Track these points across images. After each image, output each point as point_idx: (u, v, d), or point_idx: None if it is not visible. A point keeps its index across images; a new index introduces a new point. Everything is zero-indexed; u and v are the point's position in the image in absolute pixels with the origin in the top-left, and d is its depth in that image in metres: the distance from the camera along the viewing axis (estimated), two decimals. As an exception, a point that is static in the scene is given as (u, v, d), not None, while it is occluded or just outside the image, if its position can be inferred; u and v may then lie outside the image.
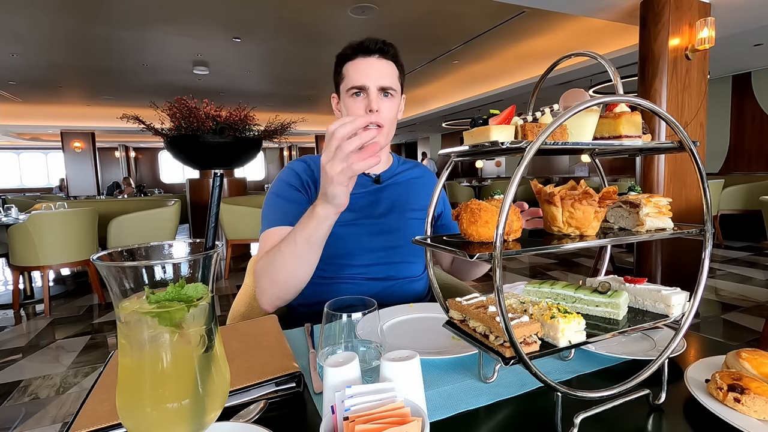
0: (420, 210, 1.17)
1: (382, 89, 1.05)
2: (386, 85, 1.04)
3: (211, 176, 0.79)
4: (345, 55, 1.07)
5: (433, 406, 0.57)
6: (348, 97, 1.06)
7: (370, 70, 1.04)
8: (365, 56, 1.04)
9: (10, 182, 15.02)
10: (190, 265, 0.42)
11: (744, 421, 0.50)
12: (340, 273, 1.07)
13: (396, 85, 1.07)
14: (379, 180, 1.17)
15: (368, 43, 1.04)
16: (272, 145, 7.89)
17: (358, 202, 1.10)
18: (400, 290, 1.11)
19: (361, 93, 1.04)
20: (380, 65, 1.05)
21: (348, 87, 1.05)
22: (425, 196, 1.20)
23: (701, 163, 0.54)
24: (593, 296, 0.63)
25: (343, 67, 1.07)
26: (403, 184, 1.19)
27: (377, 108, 1.03)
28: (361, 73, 1.04)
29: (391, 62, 1.07)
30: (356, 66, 1.04)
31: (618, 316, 0.61)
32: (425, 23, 4.83)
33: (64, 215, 3.58)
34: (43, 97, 8.21)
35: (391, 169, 1.20)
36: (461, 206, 0.59)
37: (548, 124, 0.46)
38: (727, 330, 2.83)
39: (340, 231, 1.07)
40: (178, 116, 4.75)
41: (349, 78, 1.05)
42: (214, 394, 0.42)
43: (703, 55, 3.29)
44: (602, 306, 0.62)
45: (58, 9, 4.15)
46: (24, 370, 2.49)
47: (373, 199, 1.13)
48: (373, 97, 1.03)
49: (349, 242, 1.07)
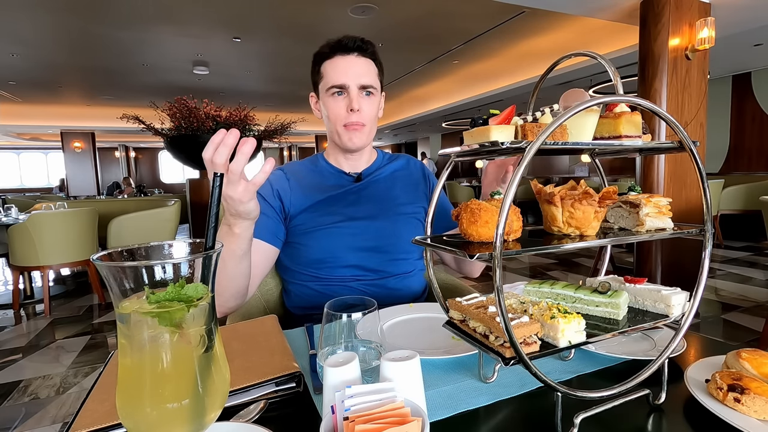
0: (406, 204, 1.14)
1: (363, 87, 1.03)
2: (367, 83, 1.03)
3: (211, 176, 0.79)
4: (323, 54, 1.05)
5: (433, 406, 0.57)
6: (328, 96, 1.04)
7: (349, 68, 1.02)
8: (344, 54, 1.03)
9: (10, 182, 15.02)
10: (190, 265, 0.42)
11: (744, 421, 0.50)
12: (329, 275, 1.06)
13: (376, 83, 1.06)
14: (360, 178, 1.15)
15: (346, 41, 1.03)
16: (272, 145, 7.89)
17: (338, 202, 1.09)
18: (394, 288, 1.10)
19: (341, 92, 1.03)
20: (360, 63, 1.03)
21: (328, 86, 1.03)
22: (412, 187, 1.19)
23: (701, 163, 0.54)
24: (593, 296, 0.63)
25: (322, 66, 1.05)
26: (386, 179, 1.17)
27: (358, 107, 1.02)
28: (340, 71, 1.02)
29: (369, 60, 1.06)
30: (335, 64, 1.03)
31: (618, 316, 0.61)
32: (425, 23, 4.83)
33: (64, 215, 3.58)
34: (43, 97, 8.21)
35: (374, 165, 1.18)
36: (461, 206, 0.59)
37: (548, 124, 0.46)
38: (727, 330, 2.83)
39: (325, 234, 1.06)
40: (178, 116, 4.74)
41: (329, 77, 1.03)
42: (214, 394, 0.42)
43: (703, 55, 3.29)
44: (602, 306, 0.62)
45: (58, 9, 4.15)
46: (24, 370, 2.49)
47: (355, 198, 1.11)
48: (354, 96, 1.02)
49: (334, 245, 1.06)
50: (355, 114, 1.03)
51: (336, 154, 1.16)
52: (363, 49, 1.04)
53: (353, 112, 1.02)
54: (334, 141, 1.11)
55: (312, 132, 13.29)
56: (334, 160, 1.16)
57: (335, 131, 1.07)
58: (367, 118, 1.05)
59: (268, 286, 1.22)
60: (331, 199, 1.09)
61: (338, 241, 1.06)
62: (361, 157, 1.16)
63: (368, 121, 1.06)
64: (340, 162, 1.16)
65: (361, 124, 1.05)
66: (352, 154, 1.13)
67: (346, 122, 1.04)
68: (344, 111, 1.03)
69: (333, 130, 1.08)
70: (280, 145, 6.54)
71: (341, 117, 1.04)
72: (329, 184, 1.12)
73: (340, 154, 1.14)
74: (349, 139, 1.06)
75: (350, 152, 1.12)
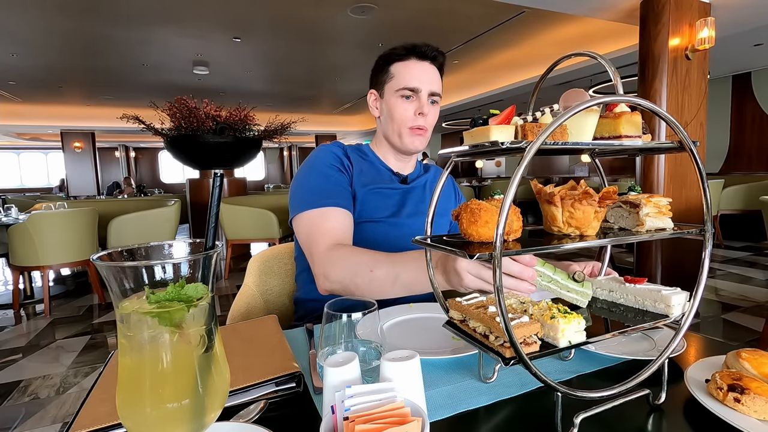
0: (441, 214, 1.17)
1: (432, 94, 1.06)
2: (436, 91, 1.06)
3: (211, 176, 0.79)
4: (395, 55, 1.07)
5: (433, 406, 0.57)
6: (396, 97, 1.06)
7: (423, 73, 1.05)
8: (419, 60, 1.05)
9: (10, 182, 15.01)
10: (190, 265, 0.42)
11: (744, 421, 0.50)
12: None
13: (441, 93, 1.09)
14: (406, 181, 1.17)
15: (424, 48, 1.06)
16: (272, 145, 7.89)
17: (389, 199, 1.11)
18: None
19: (411, 96, 1.05)
20: (432, 71, 1.07)
21: (399, 87, 1.05)
22: (444, 198, 1.22)
23: (701, 163, 0.54)
24: (568, 282, 0.66)
25: (392, 66, 1.07)
26: (425, 186, 1.20)
27: (427, 112, 1.05)
28: (414, 75, 1.04)
29: (438, 70, 1.09)
30: (409, 68, 1.05)
31: (583, 304, 0.67)
32: (425, 23, 4.83)
33: (64, 215, 3.58)
34: (43, 97, 8.22)
35: (416, 171, 1.22)
36: (461, 206, 0.59)
37: (548, 124, 0.46)
38: (727, 330, 2.83)
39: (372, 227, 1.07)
40: (178, 116, 4.75)
41: (401, 78, 1.05)
42: (214, 394, 0.42)
43: (703, 55, 3.29)
44: (573, 293, 0.66)
45: (58, 9, 4.15)
46: (24, 370, 2.49)
47: (401, 200, 1.13)
48: (424, 101, 1.05)
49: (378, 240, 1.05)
50: (421, 118, 1.05)
51: (386, 152, 1.17)
52: (437, 59, 1.07)
53: (421, 116, 1.05)
54: (390, 141, 1.13)
55: (312, 132, 13.28)
56: (383, 157, 1.18)
57: (397, 132, 1.09)
58: (430, 124, 1.08)
59: (268, 286, 1.22)
60: (383, 194, 1.11)
61: (382, 237, 1.07)
62: (410, 161, 1.19)
63: (430, 127, 1.09)
64: (389, 161, 1.17)
65: (425, 129, 1.08)
66: (404, 156, 1.16)
67: (412, 125, 1.06)
68: (412, 114, 1.05)
69: (394, 131, 1.09)
70: (280, 145, 6.55)
71: (408, 119, 1.06)
72: (384, 178, 1.14)
73: (391, 153, 1.16)
74: (411, 142, 1.09)
75: (406, 154, 1.15)
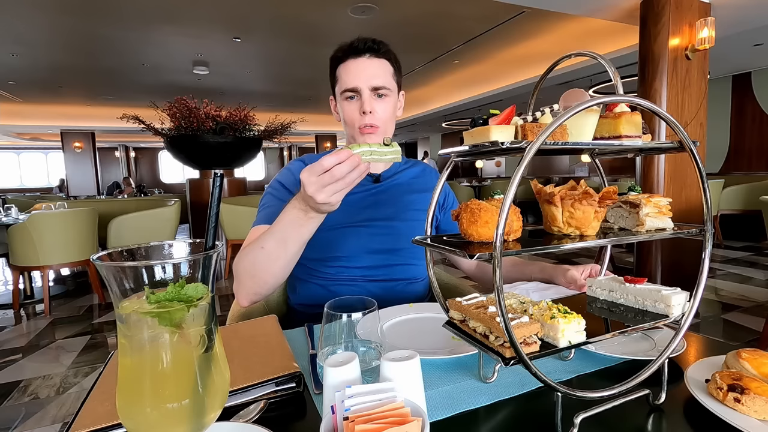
0: (422, 210, 1.15)
1: (375, 89, 1.03)
2: (378, 85, 1.03)
3: (211, 176, 0.80)
4: (336, 57, 1.06)
5: (433, 406, 0.57)
6: (343, 99, 1.05)
7: (360, 71, 1.03)
8: (356, 57, 1.03)
9: (10, 182, 15.02)
10: (190, 265, 0.42)
11: (744, 421, 0.50)
12: (340, 274, 1.07)
13: (389, 84, 1.06)
14: (379, 179, 1.15)
15: (357, 44, 1.03)
16: (272, 145, 7.89)
17: (358, 202, 1.10)
18: (400, 292, 1.10)
19: (354, 95, 1.04)
20: (371, 65, 1.03)
21: (342, 90, 1.04)
22: (427, 195, 1.19)
23: (701, 163, 0.54)
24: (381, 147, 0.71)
25: (337, 69, 1.06)
26: (403, 184, 1.18)
27: (371, 109, 1.02)
28: (351, 75, 1.03)
29: (383, 60, 1.06)
30: (347, 68, 1.04)
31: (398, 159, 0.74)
32: (425, 23, 4.83)
33: (64, 215, 3.58)
34: (43, 97, 8.21)
35: (392, 168, 1.19)
36: (461, 206, 0.59)
37: (548, 124, 0.46)
38: (727, 330, 2.83)
39: (341, 233, 1.06)
40: (178, 116, 4.74)
41: (342, 80, 1.04)
42: (214, 394, 0.42)
43: (703, 55, 3.29)
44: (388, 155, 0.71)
45: (58, 9, 4.14)
46: (24, 370, 2.49)
47: (374, 200, 1.12)
48: (366, 99, 1.02)
49: (349, 244, 1.06)
50: (367, 116, 1.03)
51: None
52: (375, 50, 1.04)
53: (366, 114, 1.03)
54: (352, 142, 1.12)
55: (312, 132, 13.29)
56: None
57: (351, 134, 1.09)
58: (380, 120, 1.05)
59: (268, 286, 1.22)
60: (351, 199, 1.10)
61: (355, 241, 1.06)
62: None
63: (382, 123, 1.06)
64: None
65: (375, 127, 1.05)
66: None
67: (360, 125, 1.05)
68: (358, 114, 1.04)
69: (349, 133, 1.09)
70: (280, 145, 6.55)
71: (356, 120, 1.05)
72: None
73: None
74: (364, 141, 1.07)
75: None
